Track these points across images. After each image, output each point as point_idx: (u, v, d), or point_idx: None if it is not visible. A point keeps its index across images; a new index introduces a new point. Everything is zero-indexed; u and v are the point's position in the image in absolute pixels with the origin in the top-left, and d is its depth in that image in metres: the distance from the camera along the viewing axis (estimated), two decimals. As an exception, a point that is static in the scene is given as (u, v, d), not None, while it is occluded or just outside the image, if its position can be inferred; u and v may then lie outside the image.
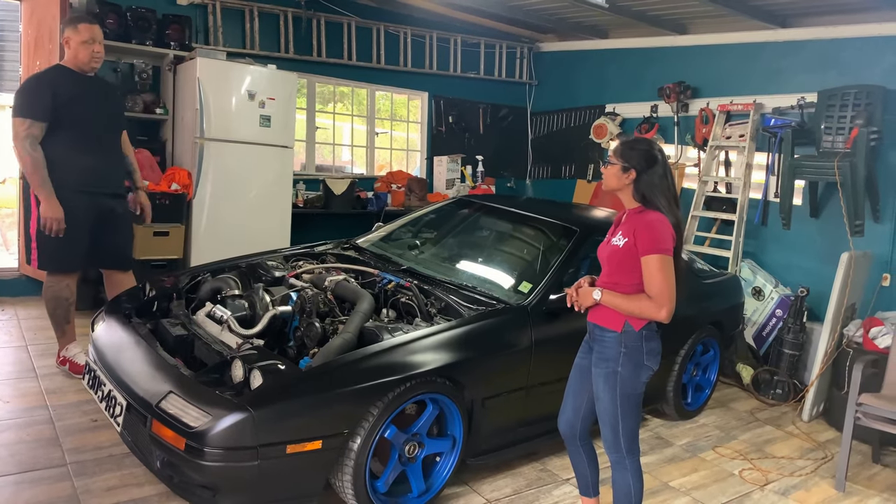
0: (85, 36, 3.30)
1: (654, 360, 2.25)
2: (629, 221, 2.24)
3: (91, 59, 3.35)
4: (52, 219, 3.26)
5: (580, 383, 2.39)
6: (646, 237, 2.15)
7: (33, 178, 3.25)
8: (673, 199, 2.23)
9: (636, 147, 2.25)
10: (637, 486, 2.28)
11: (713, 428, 3.85)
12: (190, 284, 3.17)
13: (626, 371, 2.21)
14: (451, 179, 6.66)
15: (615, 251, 2.24)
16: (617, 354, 2.21)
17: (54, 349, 3.68)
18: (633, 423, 2.25)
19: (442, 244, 3.74)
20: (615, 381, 2.21)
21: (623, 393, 2.21)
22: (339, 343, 2.47)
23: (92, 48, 3.33)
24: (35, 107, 3.22)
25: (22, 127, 3.20)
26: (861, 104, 4.37)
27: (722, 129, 5.36)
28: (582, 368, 2.39)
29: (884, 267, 4.46)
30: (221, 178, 4.88)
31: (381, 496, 2.46)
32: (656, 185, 2.20)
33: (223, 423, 2.09)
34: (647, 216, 2.20)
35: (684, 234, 5.34)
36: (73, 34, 3.31)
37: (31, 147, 3.21)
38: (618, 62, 6.45)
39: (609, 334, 2.23)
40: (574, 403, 2.42)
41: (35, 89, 3.28)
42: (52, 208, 3.25)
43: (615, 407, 2.22)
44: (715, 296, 3.98)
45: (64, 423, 3.04)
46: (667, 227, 2.16)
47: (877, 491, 3.24)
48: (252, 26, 5.58)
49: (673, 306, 2.13)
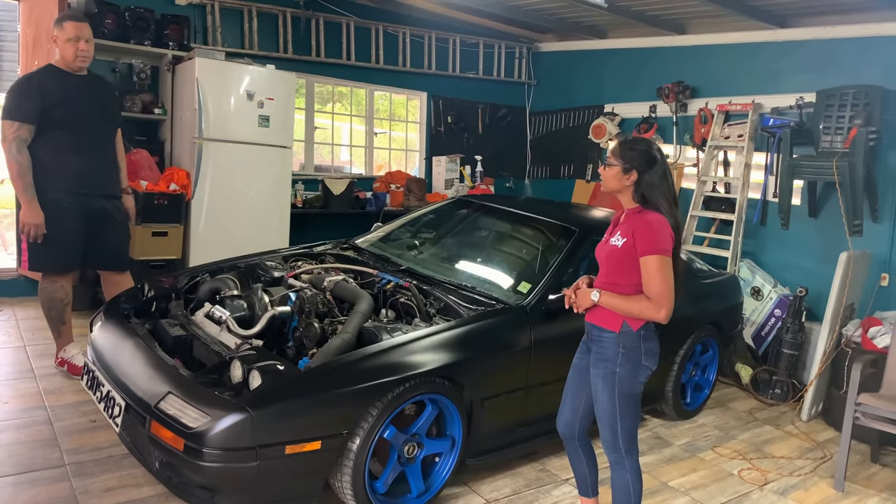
0: (70, 34, 3.27)
1: (652, 361, 2.24)
2: (628, 221, 2.23)
3: (76, 57, 3.30)
4: (32, 224, 3.25)
5: (578, 384, 2.39)
6: (645, 238, 2.14)
7: (16, 183, 3.24)
8: (673, 200, 2.22)
9: (636, 147, 2.22)
10: (636, 485, 2.28)
11: (712, 428, 3.85)
12: (189, 285, 3.16)
13: (625, 371, 2.20)
14: (450, 179, 6.65)
15: (613, 251, 2.23)
16: (615, 355, 2.21)
17: (52, 350, 3.68)
18: (631, 423, 2.25)
19: (441, 244, 3.74)
20: (613, 382, 2.21)
21: (621, 393, 2.21)
22: (338, 343, 2.47)
23: (77, 46, 3.28)
24: (23, 109, 3.21)
25: (10, 129, 3.19)
26: (860, 104, 4.37)
27: (721, 129, 5.36)
28: (580, 369, 2.39)
29: (882, 266, 4.47)
30: (220, 179, 4.87)
31: (381, 497, 2.46)
32: (657, 185, 2.19)
33: (222, 423, 2.08)
34: (647, 216, 2.18)
35: (683, 235, 5.37)
36: (59, 32, 3.30)
37: (17, 151, 3.20)
38: (616, 62, 6.45)
39: (607, 335, 2.23)
40: (572, 404, 2.41)
41: (24, 91, 3.26)
42: (33, 214, 3.24)
43: (614, 407, 2.22)
44: (714, 296, 3.98)
45: (62, 423, 3.03)
46: (666, 228, 2.15)
47: (876, 490, 3.24)
48: (251, 26, 5.58)
49: (672, 307, 2.13)
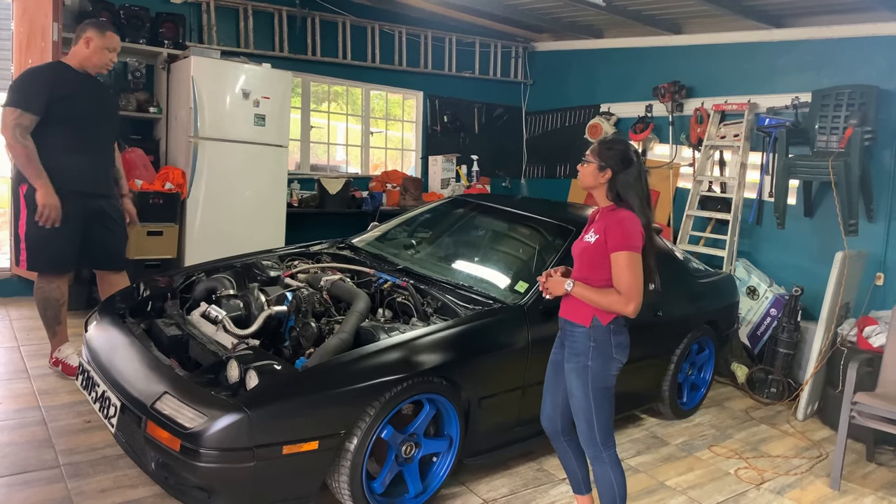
0: (109, 44, 3.42)
1: (622, 353, 2.30)
2: (602, 219, 2.30)
3: (105, 65, 3.45)
4: (50, 206, 3.21)
5: (556, 379, 2.44)
6: (616, 234, 2.20)
7: (28, 169, 3.21)
8: (646, 200, 2.29)
9: (613, 147, 2.29)
10: (619, 478, 2.32)
11: (708, 427, 3.86)
12: (184, 284, 3.15)
13: (597, 364, 2.25)
14: (447, 179, 6.65)
15: (587, 248, 2.29)
16: (587, 348, 2.26)
17: (47, 350, 3.66)
18: (606, 416, 2.29)
19: (438, 244, 3.73)
20: (587, 376, 2.26)
21: (595, 387, 2.26)
22: (336, 343, 2.46)
23: (111, 56, 3.45)
24: (27, 98, 3.20)
25: (11, 116, 3.17)
26: (855, 104, 4.39)
27: (717, 129, 5.37)
28: (556, 364, 2.43)
29: (878, 266, 4.48)
30: (216, 178, 4.85)
31: (378, 497, 2.45)
32: (631, 185, 2.26)
33: (219, 423, 2.07)
34: (619, 214, 2.25)
35: (678, 235, 5.38)
36: (98, 37, 3.36)
37: (20, 136, 3.17)
38: (612, 62, 6.46)
39: (579, 329, 2.28)
40: (552, 400, 2.46)
41: (30, 81, 3.26)
42: (49, 195, 3.21)
43: (588, 401, 2.27)
44: (710, 295, 3.99)
45: (57, 424, 3.01)
46: (637, 226, 2.22)
47: (871, 489, 3.25)
48: (246, 25, 5.56)
49: (640, 302, 2.19)
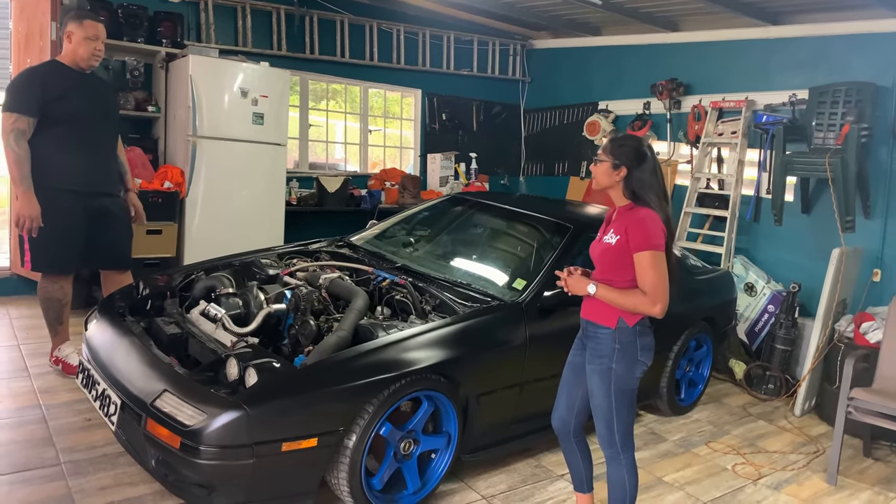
0: (89, 32, 3.30)
1: (647, 356, 2.26)
2: (620, 219, 2.25)
3: (91, 56, 3.34)
4: (27, 216, 3.21)
5: (574, 380, 2.40)
6: (637, 234, 2.15)
7: (13, 173, 3.22)
8: (663, 196, 2.24)
9: (626, 144, 2.25)
10: (632, 480, 2.29)
11: (706, 423, 3.87)
12: (183, 283, 3.16)
13: (621, 367, 2.21)
14: (445, 177, 6.65)
15: (607, 249, 2.24)
16: (611, 350, 2.22)
17: (47, 348, 3.66)
18: (627, 418, 2.26)
19: (436, 241, 3.74)
20: (610, 378, 2.22)
21: (617, 389, 2.22)
22: (334, 341, 2.47)
23: (94, 45, 3.33)
24: (23, 101, 3.20)
25: (8, 121, 3.18)
26: (852, 101, 4.40)
27: (714, 126, 5.38)
28: (575, 365, 2.39)
29: (874, 262, 4.50)
30: (214, 176, 4.86)
31: (377, 493, 2.47)
32: (646, 181, 2.21)
33: (218, 421, 2.08)
34: (638, 213, 2.20)
35: (676, 231, 5.39)
36: (77, 29, 3.29)
37: (15, 142, 3.18)
38: (610, 59, 6.46)
39: (603, 330, 2.24)
40: (568, 401, 2.42)
41: (25, 83, 3.26)
42: (29, 205, 3.21)
43: (609, 403, 2.23)
44: (708, 292, 4.00)
45: (57, 422, 3.02)
46: (657, 224, 2.17)
47: (868, 484, 3.27)
48: (244, 23, 5.56)
49: (667, 302, 2.14)
